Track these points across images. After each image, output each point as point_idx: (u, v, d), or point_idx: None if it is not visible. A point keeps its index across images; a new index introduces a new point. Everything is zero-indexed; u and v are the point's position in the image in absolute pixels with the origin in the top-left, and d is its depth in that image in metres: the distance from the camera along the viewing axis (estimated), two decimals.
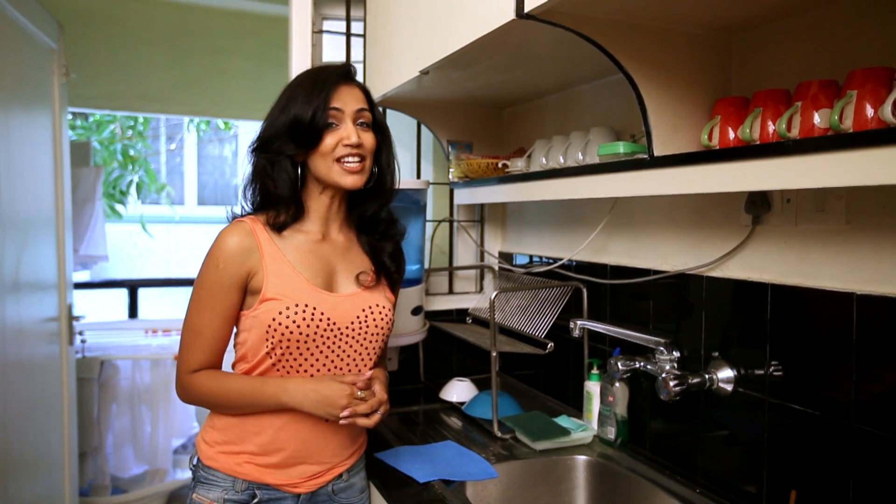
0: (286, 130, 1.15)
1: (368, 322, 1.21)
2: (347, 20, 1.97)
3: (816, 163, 0.84)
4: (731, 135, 1.06)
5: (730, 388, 1.23)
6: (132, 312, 3.86)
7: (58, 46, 2.29)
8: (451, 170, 1.91)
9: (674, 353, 1.31)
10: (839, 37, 1.03)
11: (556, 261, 1.80)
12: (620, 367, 1.36)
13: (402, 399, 1.86)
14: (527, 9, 1.02)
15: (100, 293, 4.37)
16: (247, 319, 1.15)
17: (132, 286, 3.91)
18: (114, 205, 4.76)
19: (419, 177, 2.12)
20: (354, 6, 1.96)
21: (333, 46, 1.98)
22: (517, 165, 1.66)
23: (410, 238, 1.83)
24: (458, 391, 1.83)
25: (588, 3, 1.03)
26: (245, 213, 1.22)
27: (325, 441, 1.20)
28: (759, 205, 1.18)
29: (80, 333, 2.81)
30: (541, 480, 1.43)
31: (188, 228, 5.42)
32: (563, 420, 1.58)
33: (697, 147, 1.14)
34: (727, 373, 1.24)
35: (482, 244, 2.17)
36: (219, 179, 5.83)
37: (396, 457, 1.41)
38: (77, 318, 2.45)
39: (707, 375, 1.25)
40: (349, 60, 1.97)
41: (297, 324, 1.12)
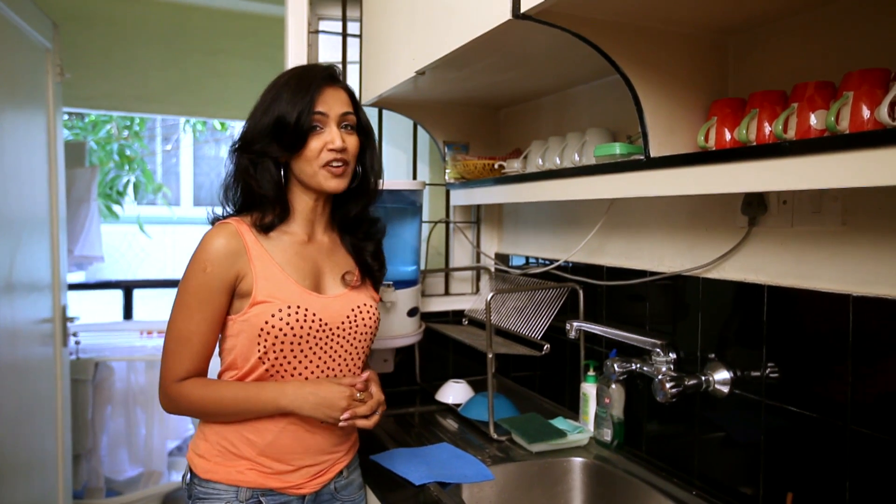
0: (270, 132, 1.13)
1: (358, 322, 1.20)
2: (343, 20, 1.96)
3: (813, 164, 0.83)
4: (728, 136, 1.06)
5: (726, 390, 1.23)
6: (127, 314, 3.84)
7: (52, 46, 2.28)
8: (448, 171, 1.91)
9: (670, 355, 1.31)
10: (835, 38, 1.03)
11: (553, 262, 1.79)
12: (617, 369, 1.36)
13: (398, 401, 1.85)
14: (523, 9, 1.01)
15: (95, 294, 4.36)
16: (235, 324, 1.13)
17: (127, 287, 3.90)
18: (110, 205, 4.75)
19: (415, 178, 2.11)
20: (350, 6, 1.96)
21: (329, 47, 1.97)
22: (513, 166, 1.66)
23: (406, 239, 1.82)
24: (454, 393, 1.83)
25: (584, 4, 1.03)
26: (227, 215, 1.19)
27: (324, 438, 1.19)
28: (756, 206, 1.18)
29: (75, 335, 2.80)
30: (537, 483, 1.43)
31: (184, 229, 5.41)
32: (560, 422, 1.57)
33: (694, 148, 1.14)
34: (724, 374, 1.23)
35: (478, 245, 2.17)
36: (215, 180, 5.82)
37: (392, 459, 1.41)
38: (71, 320, 2.43)
39: (703, 377, 1.25)
40: (345, 61, 1.97)
41: (291, 325, 1.11)
